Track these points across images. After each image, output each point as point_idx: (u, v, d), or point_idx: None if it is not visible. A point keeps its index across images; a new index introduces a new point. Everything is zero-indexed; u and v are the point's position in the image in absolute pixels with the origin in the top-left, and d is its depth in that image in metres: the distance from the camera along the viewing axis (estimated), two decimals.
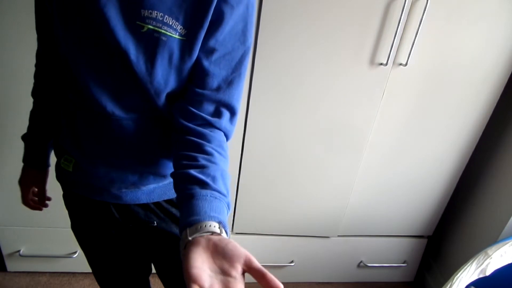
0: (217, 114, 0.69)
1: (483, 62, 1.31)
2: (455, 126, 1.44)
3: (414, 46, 1.21)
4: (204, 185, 0.59)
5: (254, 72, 1.23)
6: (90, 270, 1.67)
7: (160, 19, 0.62)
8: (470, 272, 1.14)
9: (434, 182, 1.58)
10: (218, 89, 0.69)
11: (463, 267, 1.14)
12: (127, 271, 1.01)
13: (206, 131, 0.67)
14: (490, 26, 1.24)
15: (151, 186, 0.82)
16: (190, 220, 0.54)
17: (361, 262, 1.76)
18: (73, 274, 1.64)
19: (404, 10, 1.16)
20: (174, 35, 0.64)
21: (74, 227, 0.95)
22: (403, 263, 1.79)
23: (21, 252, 1.53)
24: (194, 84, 0.69)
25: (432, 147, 1.48)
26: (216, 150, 0.65)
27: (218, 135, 0.69)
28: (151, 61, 0.65)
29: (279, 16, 1.15)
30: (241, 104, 0.74)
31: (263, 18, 1.15)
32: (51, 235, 1.51)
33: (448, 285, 1.10)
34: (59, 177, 0.88)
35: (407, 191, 1.58)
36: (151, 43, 0.63)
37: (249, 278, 0.48)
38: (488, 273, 1.15)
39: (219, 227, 0.54)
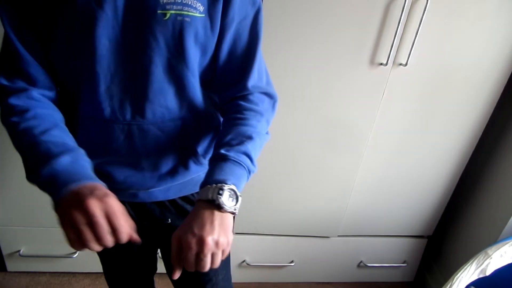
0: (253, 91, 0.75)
1: (483, 62, 1.31)
2: (455, 126, 1.44)
3: (414, 46, 1.21)
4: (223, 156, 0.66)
5: None
6: (90, 270, 1.68)
7: (180, 1, 0.63)
8: (470, 272, 1.14)
9: (434, 182, 1.58)
10: (242, 73, 0.74)
11: (463, 267, 1.14)
12: (136, 269, 1.01)
13: (242, 104, 0.74)
14: (490, 26, 1.24)
15: (168, 185, 0.82)
16: (200, 184, 0.65)
17: (361, 262, 1.76)
18: (73, 274, 1.64)
19: (404, 10, 1.16)
20: (196, 14, 0.65)
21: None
22: (403, 263, 1.79)
23: (21, 252, 1.53)
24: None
25: (432, 147, 1.48)
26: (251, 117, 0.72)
27: (257, 101, 0.75)
28: (181, 45, 0.66)
29: (279, 17, 1.15)
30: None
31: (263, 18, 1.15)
32: (51, 235, 1.51)
33: (448, 285, 1.10)
34: None
35: (407, 191, 1.58)
36: (177, 28, 0.64)
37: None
38: (488, 273, 1.15)
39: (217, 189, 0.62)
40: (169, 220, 0.87)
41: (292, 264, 1.69)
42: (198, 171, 0.83)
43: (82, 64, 0.66)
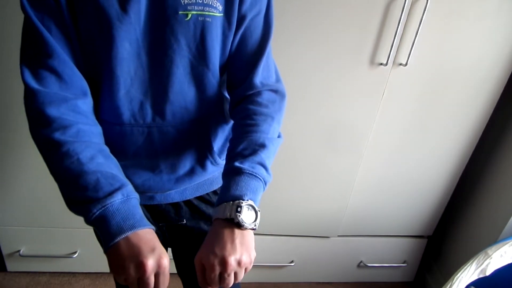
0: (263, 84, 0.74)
1: (483, 62, 1.31)
2: (455, 126, 1.44)
3: (414, 46, 1.21)
4: (238, 170, 0.65)
5: None
6: (90, 270, 1.68)
7: (200, 1, 0.63)
8: (470, 272, 1.13)
9: (434, 182, 1.58)
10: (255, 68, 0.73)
11: (463, 267, 1.14)
12: None
13: (251, 107, 0.73)
14: (490, 26, 1.24)
15: (185, 186, 0.82)
16: (216, 201, 0.65)
17: (361, 262, 1.76)
18: (73, 274, 1.64)
19: (404, 10, 1.15)
20: (216, 14, 0.65)
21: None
22: (403, 263, 1.79)
23: (21, 252, 1.53)
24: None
25: (432, 147, 1.48)
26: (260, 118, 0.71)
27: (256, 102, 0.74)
28: (203, 45, 0.66)
29: (279, 17, 1.15)
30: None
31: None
32: (51, 235, 1.51)
33: (448, 285, 1.10)
34: None
35: (407, 191, 1.58)
36: (199, 28, 0.64)
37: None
38: (488, 273, 1.15)
39: (236, 209, 0.61)
40: (184, 220, 0.87)
41: (292, 264, 1.69)
42: (214, 171, 0.84)
43: (102, 66, 0.65)
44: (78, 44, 0.64)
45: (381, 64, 1.25)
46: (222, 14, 0.66)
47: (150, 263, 0.55)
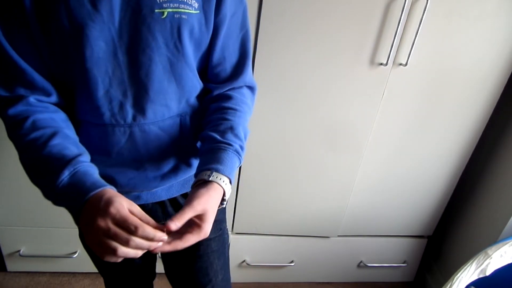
0: (235, 76, 0.79)
1: (483, 62, 1.31)
2: (455, 126, 1.44)
3: (414, 46, 1.21)
4: (213, 140, 0.72)
5: (254, 72, 1.23)
6: (90, 270, 1.67)
7: None
8: (470, 272, 1.13)
9: (434, 182, 1.58)
10: (235, 71, 0.78)
11: (463, 267, 1.14)
12: (135, 274, 1.00)
13: (228, 93, 0.78)
14: (490, 26, 1.24)
15: (171, 183, 0.82)
16: (195, 173, 0.70)
17: (361, 262, 1.76)
18: (73, 274, 1.64)
19: (404, 10, 1.15)
20: (192, 11, 0.66)
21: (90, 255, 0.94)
22: (403, 263, 1.79)
23: (21, 252, 1.53)
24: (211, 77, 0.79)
25: (432, 147, 1.48)
26: (233, 108, 0.77)
27: (239, 93, 0.80)
28: (180, 42, 0.67)
29: (279, 17, 1.15)
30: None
31: (262, 18, 1.14)
32: (51, 235, 1.51)
33: (448, 285, 1.10)
34: None
35: (407, 191, 1.58)
36: (175, 25, 0.65)
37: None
38: (488, 273, 1.15)
39: (208, 174, 0.66)
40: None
41: (292, 264, 1.69)
42: None
43: (78, 68, 0.65)
44: (47, 48, 0.64)
45: (381, 64, 1.26)
46: (198, 11, 0.66)
47: (101, 224, 0.54)
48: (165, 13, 0.63)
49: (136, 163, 0.76)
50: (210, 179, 0.66)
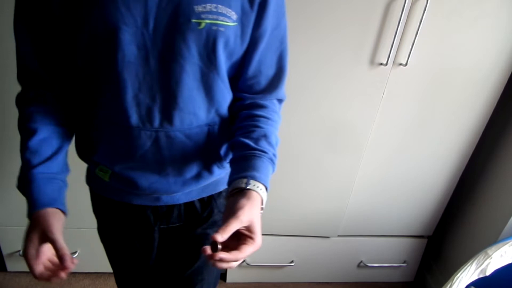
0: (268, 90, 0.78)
1: (483, 62, 1.31)
2: (455, 126, 1.44)
3: (414, 46, 1.21)
4: (246, 146, 0.71)
5: None
6: (90, 270, 1.67)
7: (215, 10, 0.62)
8: (470, 272, 1.14)
9: (434, 182, 1.58)
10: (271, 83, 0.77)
11: (463, 267, 1.14)
12: (148, 275, 1.00)
13: (258, 102, 0.78)
14: (490, 26, 1.24)
15: (192, 189, 0.82)
16: (229, 180, 0.69)
17: (361, 262, 1.76)
18: (73, 274, 1.64)
19: (404, 10, 1.16)
20: (229, 23, 0.65)
21: (101, 230, 0.93)
22: (403, 263, 1.79)
23: (21, 252, 1.53)
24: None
25: (432, 147, 1.48)
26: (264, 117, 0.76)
27: (271, 103, 0.79)
28: (214, 54, 0.66)
29: None
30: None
31: None
32: None
33: (448, 285, 1.10)
34: (90, 182, 0.86)
35: (407, 191, 1.58)
36: (211, 37, 0.64)
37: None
38: (488, 273, 1.15)
39: (246, 182, 0.65)
40: (183, 222, 0.88)
41: (292, 264, 1.69)
42: (220, 174, 0.84)
43: (108, 70, 0.65)
44: (78, 47, 0.65)
45: (381, 64, 1.26)
46: (235, 23, 0.66)
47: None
48: (203, 24, 0.63)
49: (159, 167, 0.75)
50: (248, 187, 0.64)
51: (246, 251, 0.61)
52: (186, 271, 0.93)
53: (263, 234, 0.66)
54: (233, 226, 0.59)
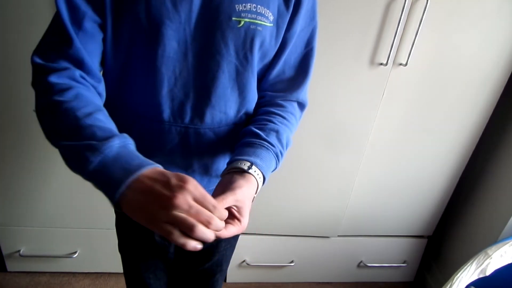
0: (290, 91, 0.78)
1: (483, 62, 1.31)
2: (455, 126, 1.44)
3: (414, 46, 1.21)
4: (256, 135, 0.70)
5: None
6: (90, 270, 1.67)
7: (254, 10, 0.64)
8: (470, 272, 1.14)
9: (434, 182, 1.58)
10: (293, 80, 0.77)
11: (463, 267, 1.14)
12: (166, 267, 1.00)
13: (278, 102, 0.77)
14: (490, 26, 1.24)
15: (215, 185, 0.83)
16: (231, 159, 0.66)
17: (361, 262, 1.76)
18: (73, 274, 1.64)
19: (404, 10, 1.16)
20: (267, 24, 0.66)
21: (120, 223, 0.92)
22: (403, 263, 1.79)
23: (21, 252, 1.53)
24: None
25: (432, 147, 1.48)
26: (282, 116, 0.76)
27: (291, 105, 0.78)
28: (251, 53, 0.67)
29: None
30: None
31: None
32: (51, 235, 1.51)
33: (448, 285, 1.10)
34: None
35: (407, 191, 1.58)
36: (249, 36, 0.65)
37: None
38: (488, 273, 1.15)
39: (248, 166, 0.63)
40: None
41: (292, 264, 1.69)
42: None
43: (145, 64, 0.65)
44: (119, 39, 0.64)
45: (381, 64, 1.26)
46: (272, 25, 0.67)
47: (180, 200, 0.48)
48: (242, 22, 0.64)
49: (186, 164, 0.76)
50: (249, 170, 0.62)
51: (231, 231, 0.57)
52: (206, 263, 0.95)
53: (263, 234, 0.66)
54: (229, 200, 0.57)
